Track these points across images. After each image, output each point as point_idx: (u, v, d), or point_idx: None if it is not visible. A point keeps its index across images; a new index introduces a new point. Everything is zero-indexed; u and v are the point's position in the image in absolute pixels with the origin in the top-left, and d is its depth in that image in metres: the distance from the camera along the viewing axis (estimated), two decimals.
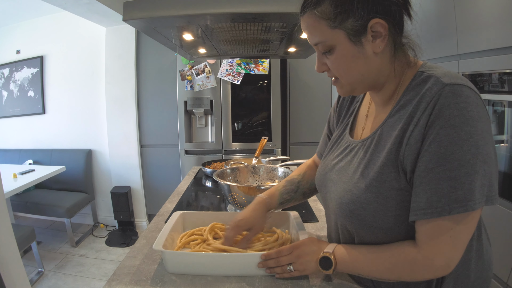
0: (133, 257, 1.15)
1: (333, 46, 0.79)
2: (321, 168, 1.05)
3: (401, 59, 0.83)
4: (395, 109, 0.82)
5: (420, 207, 0.72)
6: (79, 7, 3.06)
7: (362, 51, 0.78)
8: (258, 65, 3.48)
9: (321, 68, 0.86)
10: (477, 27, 1.79)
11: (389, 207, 0.78)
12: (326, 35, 0.79)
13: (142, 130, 4.04)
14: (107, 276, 3.12)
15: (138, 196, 4.14)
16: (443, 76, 0.74)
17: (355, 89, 0.86)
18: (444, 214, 0.69)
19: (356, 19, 0.75)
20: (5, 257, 1.88)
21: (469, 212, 0.69)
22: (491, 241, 0.92)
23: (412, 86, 0.79)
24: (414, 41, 0.83)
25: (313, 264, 0.91)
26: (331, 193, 0.94)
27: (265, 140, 2.08)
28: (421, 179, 0.72)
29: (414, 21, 0.81)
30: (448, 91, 0.70)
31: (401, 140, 0.76)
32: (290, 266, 0.94)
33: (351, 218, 0.85)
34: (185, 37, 1.77)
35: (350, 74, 0.82)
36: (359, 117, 1.01)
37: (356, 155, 0.90)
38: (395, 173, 0.77)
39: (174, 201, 1.79)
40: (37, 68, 4.22)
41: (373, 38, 0.77)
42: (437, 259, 0.73)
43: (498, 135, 1.76)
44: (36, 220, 4.36)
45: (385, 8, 0.75)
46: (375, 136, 0.85)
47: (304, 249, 0.94)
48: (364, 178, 0.82)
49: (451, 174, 0.68)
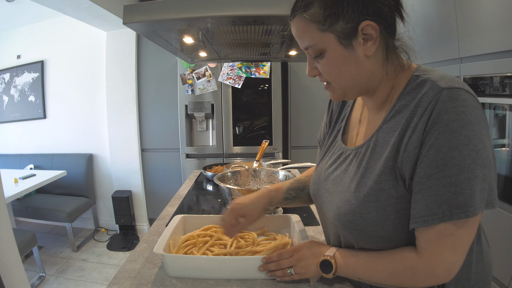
0: (134, 261, 1.14)
1: (323, 50, 0.78)
2: (315, 178, 1.03)
3: (394, 62, 0.82)
4: (390, 115, 0.80)
5: (420, 214, 0.71)
6: (79, 12, 3.07)
7: (353, 54, 0.77)
8: (259, 69, 3.48)
9: (312, 72, 0.85)
10: (478, 31, 1.79)
11: (388, 216, 0.77)
12: (316, 38, 0.78)
13: (143, 134, 4.04)
14: (108, 280, 3.10)
15: (139, 200, 4.13)
16: (440, 79, 0.73)
17: (347, 94, 0.85)
18: (445, 220, 0.69)
19: (346, 22, 0.74)
20: (6, 262, 1.87)
21: (470, 218, 0.68)
22: (493, 245, 0.91)
23: (408, 91, 0.78)
24: (407, 43, 0.82)
25: (314, 267, 0.90)
26: (328, 204, 0.93)
27: (266, 144, 2.07)
28: (421, 186, 0.71)
29: (407, 23, 0.80)
30: (445, 95, 0.69)
31: (398, 147, 0.75)
32: (291, 269, 0.93)
33: (350, 228, 0.83)
34: (186, 41, 1.77)
35: (342, 78, 0.81)
36: (351, 123, 0.99)
37: (351, 163, 0.88)
38: (393, 181, 0.76)
39: (175, 205, 1.78)
40: (38, 73, 4.23)
41: (364, 40, 0.76)
42: (438, 266, 0.72)
43: (500, 139, 1.75)
44: (37, 225, 4.35)
45: (376, 10, 0.74)
46: (371, 143, 0.83)
47: (305, 252, 0.93)
48: (361, 187, 0.81)
49: (451, 180, 0.67)
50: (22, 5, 3.59)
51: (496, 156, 0.74)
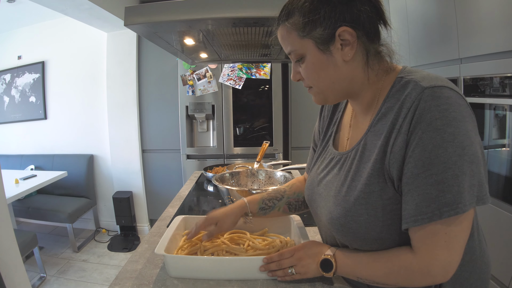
0: (135, 262, 1.15)
1: (303, 55, 0.82)
2: (309, 183, 1.05)
3: (375, 66, 0.83)
4: (376, 118, 0.81)
5: (410, 215, 0.71)
6: (80, 13, 3.08)
7: (331, 59, 0.80)
8: (259, 70, 3.49)
9: (296, 76, 0.89)
10: (478, 31, 1.79)
11: (379, 217, 0.78)
12: (296, 44, 0.82)
13: (143, 135, 4.05)
14: (109, 281, 3.11)
15: (140, 201, 4.14)
16: (422, 79, 0.74)
17: (327, 97, 0.88)
18: (435, 219, 0.69)
19: (323, 28, 0.77)
20: (7, 262, 1.88)
21: (461, 214, 0.68)
22: (492, 245, 0.91)
23: (392, 93, 0.79)
24: (391, 48, 0.84)
25: (314, 266, 0.91)
26: (321, 208, 0.94)
27: (267, 145, 2.08)
28: (409, 186, 0.72)
29: (391, 29, 0.82)
30: (427, 94, 0.70)
31: (385, 149, 0.76)
32: (292, 269, 0.94)
33: (343, 231, 0.84)
34: (187, 42, 1.77)
35: (321, 82, 0.84)
36: (343, 127, 1.00)
37: (342, 168, 0.89)
38: (382, 183, 0.77)
39: (176, 206, 1.79)
40: (39, 73, 4.24)
41: (342, 46, 0.78)
42: (433, 265, 0.72)
43: (500, 139, 1.75)
44: (38, 226, 4.36)
45: (353, 16, 0.77)
46: (359, 147, 0.84)
47: (305, 251, 0.94)
48: (351, 190, 0.82)
49: (437, 178, 0.68)
50: (23, 6, 3.60)
51: (496, 156, 0.74)
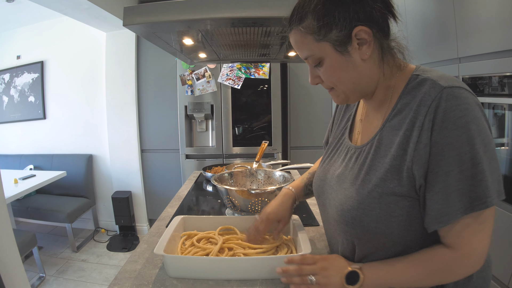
0: (135, 262, 1.15)
1: (321, 59, 0.82)
2: (320, 174, 1.04)
3: (390, 62, 0.84)
4: (392, 114, 0.82)
5: (444, 213, 0.73)
6: (79, 12, 3.07)
7: (350, 59, 0.80)
8: (258, 70, 3.49)
9: (315, 81, 0.88)
10: (477, 31, 1.80)
11: (391, 213, 0.78)
12: (313, 49, 0.81)
13: (142, 135, 4.05)
14: (108, 281, 3.11)
15: (139, 200, 4.14)
16: (439, 79, 0.75)
17: (349, 97, 0.88)
18: (467, 212, 0.71)
19: (339, 30, 0.77)
20: (6, 262, 1.88)
21: (489, 208, 0.71)
22: (492, 244, 0.91)
23: (408, 90, 0.80)
24: (402, 44, 0.84)
25: (338, 279, 0.85)
26: (331, 200, 0.94)
27: (266, 144, 2.08)
28: (440, 185, 0.72)
29: (401, 22, 0.82)
30: (447, 93, 0.71)
31: (405, 147, 0.76)
32: (312, 278, 0.87)
33: (353, 224, 0.84)
34: (185, 42, 1.77)
35: (342, 84, 0.84)
36: (356, 122, 1.02)
37: (356, 161, 0.89)
38: (399, 180, 0.77)
39: (175, 206, 1.79)
40: (38, 73, 4.23)
41: (359, 45, 0.78)
42: (472, 256, 0.76)
43: (499, 138, 1.76)
44: (37, 226, 4.36)
45: (366, 14, 0.77)
46: (374, 141, 0.85)
47: (331, 262, 0.89)
48: (365, 184, 0.82)
49: (468, 173, 0.70)
50: (22, 6, 3.59)
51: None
